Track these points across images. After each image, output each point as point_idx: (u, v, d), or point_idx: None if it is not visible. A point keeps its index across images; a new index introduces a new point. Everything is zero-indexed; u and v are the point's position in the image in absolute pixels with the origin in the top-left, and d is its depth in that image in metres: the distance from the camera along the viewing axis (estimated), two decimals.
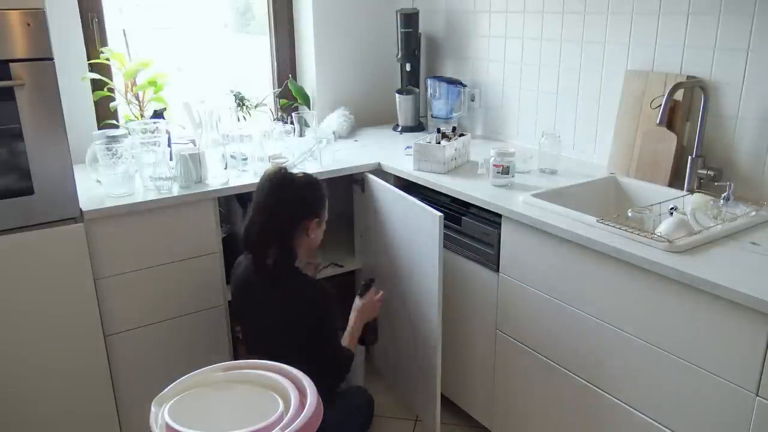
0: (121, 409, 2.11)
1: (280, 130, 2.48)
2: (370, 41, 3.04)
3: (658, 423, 1.58)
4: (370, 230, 2.44)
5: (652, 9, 2.04)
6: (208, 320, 2.19)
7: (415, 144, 2.27)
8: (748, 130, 1.88)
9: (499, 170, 2.07)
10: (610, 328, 1.66)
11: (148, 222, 2.01)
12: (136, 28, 2.53)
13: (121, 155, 2.00)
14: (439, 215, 1.93)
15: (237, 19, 3.09)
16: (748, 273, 1.41)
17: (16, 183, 1.80)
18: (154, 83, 2.40)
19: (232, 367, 1.58)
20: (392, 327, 2.39)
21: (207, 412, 1.44)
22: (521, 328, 1.96)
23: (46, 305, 1.91)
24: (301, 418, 1.38)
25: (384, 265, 2.35)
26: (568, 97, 2.39)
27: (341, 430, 1.94)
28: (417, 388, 2.28)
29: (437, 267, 1.96)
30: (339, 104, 2.97)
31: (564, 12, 2.33)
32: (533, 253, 1.85)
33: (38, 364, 1.94)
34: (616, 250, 1.57)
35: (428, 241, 1.99)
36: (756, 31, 1.81)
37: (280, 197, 1.86)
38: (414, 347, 2.24)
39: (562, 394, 1.86)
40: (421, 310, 2.14)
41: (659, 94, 2.02)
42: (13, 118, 1.75)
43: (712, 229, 1.63)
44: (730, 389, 1.41)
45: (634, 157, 2.12)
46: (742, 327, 1.36)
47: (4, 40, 1.70)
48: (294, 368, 1.54)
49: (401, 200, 2.14)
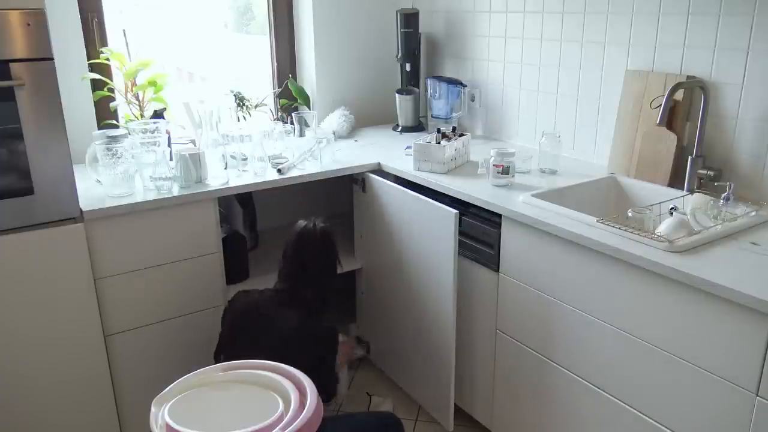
0: (121, 409, 2.11)
1: (280, 130, 2.49)
2: (370, 41, 3.04)
3: (658, 422, 1.58)
4: (372, 230, 2.44)
5: (652, 9, 2.04)
6: (208, 320, 2.19)
7: (415, 144, 2.27)
8: (748, 130, 1.88)
9: (499, 170, 2.07)
10: (610, 327, 1.66)
11: (148, 222, 2.02)
12: (136, 28, 2.53)
13: (121, 155, 1.99)
14: (455, 212, 1.94)
15: (237, 19, 3.09)
16: (748, 273, 1.41)
17: (16, 183, 1.80)
18: (154, 83, 2.40)
19: (232, 367, 1.58)
20: (400, 325, 2.39)
21: (207, 412, 1.44)
22: (521, 328, 1.96)
23: (46, 305, 1.91)
24: (301, 418, 1.38)
25: (389, 264, 2.36)
26: (568, 97, 2.39)
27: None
28: (428, 388, 2.29)
29: (451, 264, 1.99)
30: (339, 104, 2.97)
31: (564, 12, 2.34)
32: (533, 253, 1.85)
33: (38, 365, 1.94)
34: (616, 250, 1.57)
35: (442, 238, 2.01)
36: (756, 31, 1.81)
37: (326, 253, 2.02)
38: (424, 345, 2.25)
39: (562, 393, 1.86)
40: (432, 307, 2.15)
41: (659, 94, 2.02)
42: (13, 118, 1.75)
43: (712, 229, 1.63)
44: (730, 389, 1.41)
45: (634, 157, 2.12)
46: (742, 327, 1.36)
47: (4, 40, 1.70)
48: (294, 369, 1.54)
49: (411, 199, 2.15)
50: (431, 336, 2.19)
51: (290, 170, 2.29)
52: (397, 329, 2.39)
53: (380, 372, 2.64)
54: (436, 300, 2.12)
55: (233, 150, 2.31)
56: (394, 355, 2.49)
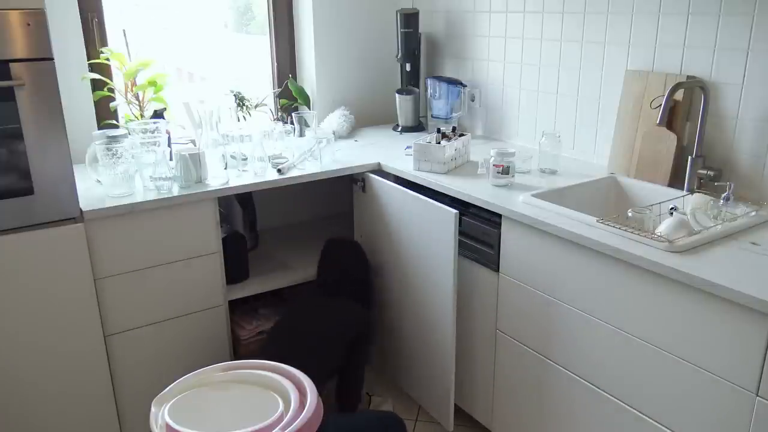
0: (121, 409, 2.11)
1: (280, 130, 2.48)
2: (370, 41, 3.04)
3: (658, 422, 1.58)
4: (372, 230, 2.44)
5: (652, 9, 2.04)
6: (208, 320, 2.19)
7: (415, 144, 2.27)
8: (748, 130, 1.88)
9: (499, 170, 2.07)
10: (610, 327, 1.66)
11: (148, 222, 2.02)
12: (136, 28, 2.53)
13: (121, 155, 1.99)
14: (455, 212, 1.94)
15: (237, 19, 3.09)
16: (748, 273, 1.41)
17: (16, 183, 1.80)
18: (154, 83, 2.40)
19: (232, 367, 1.58)
20: (399, 325, 2.39)
21: (207, 412, 1.44)
22: (521, 328, 1.96)
23: (46, 305, 1.91)
24: (301, 418, 1.38)
25: (390, 263, 2.36)
26: (568, 97, 2.39)
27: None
28: (428, 388, 2.29)
29: (451, 264, 1.99)
30: (339, 104, 2.97)
31: (564, 12, 2.34)
32: (533, 253, 1.85)
33: (38, 365, 1.94)
34: (616, 250, 1.57)
35: (442, 238, 2.01)
36: (756, 31, 1.81)
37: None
38: (424, 345, 2.26)
39: (562, 393, 1.86)
40: (432, 307, 2.15)
41: (659, 94, 2.02)
42: (13, 118, 1.75)
43: (712, 229, 1.63)
44: (730, 389, 1.41)
45: (634, 157, 2.12)
46: (742, 327, 1.36)
47: (4, 40, 1.70)
48: (294, 368, 1.54)
49: (411, 199, 2.15)
50: (431, 336, 2.19)
51: (290, 170, 2.29)
52: (397, 329, 2.40)
53: (380, 372, 2.64)
54: (436, 300, 2.12)
55: (233, 150, 2.31)
56: (394, 355, 2.49)
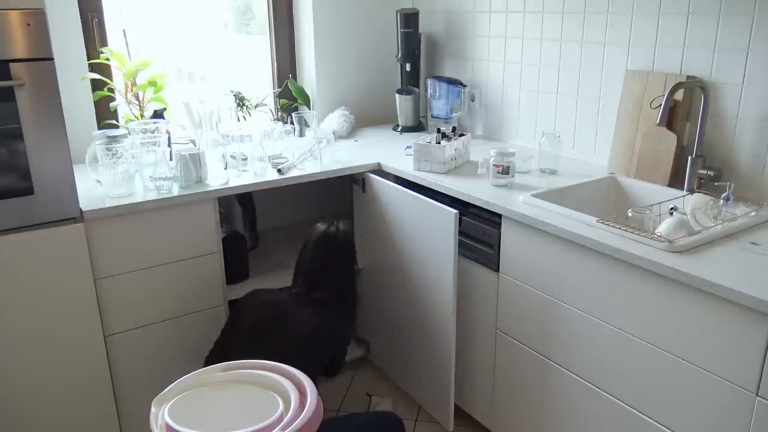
0: (122, 409, 2.11)
1: (280, 130, 2.48)
2: (370, 41, 3.04)
3: (658, 422, 1.58)
4: (372, 230, 2.44)
5: (652, 9, 2.04)
6: (208, 320, 2.19)
7: (415, 144, 2.27)
8: (748, 130, 1.88)
9: (499, 170, 2.07)
10: (610, 327, 1.66)
11: (148, 222, 2.02)
12: (136, 28, 2.53)
13: (121, 155, 1.99)
14: (455, 212, 1.94)
15: (237, 19, 3.09)
16: (748, 273, 1.41)
17: (16, 183, 1.80)
18: (154, 83, 2.40)
19: (232, 367, 1.58)
20: (399, 325, 2.39)
21: (207, 412, 1.44)
22: (521, 328, 1.96)
23: (46, 305, 1.91)
24: (301, 418, 1.38)
25: (390, 264, 2.36)
26: (568, 97, 2.39)
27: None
28: (428, 388, 2.29)
29: (451, 264, 1.99)
30: (339, 104, 2.97)
31: (564, 12, 2.34)
32: (533, 253, 1.85)
33: (38, 365, 1.94)
34: (616, 250, 1.57)
35: (442, 238, 2.01)
36: (756, 31, 1.81)
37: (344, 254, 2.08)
38: (424, 345, 2.26)
39: (562, 393, 1.86)
40: (432, 307, 2.15)
41: (659, 94, 2.02)
42: (13, 118, 1.75)
43: (712, 229, 1.63)
44: (730, 389, 1.41)
45: (634, 157, 2.12)
46: (742, 327, 1.36)
47: (4, 40, 1.70)
48: (294, 369, 1.54)
49: (411, 199, 2.15)
50: (431, 336, 2.19)
51: (290, 170, 2.29)
52: (397, 329, 2.39)
53: (380, 372, 2.64)
54: (436, 300, 2.12)
55: (233, 150, 2.31)
56: (394, 355, 2.49)
